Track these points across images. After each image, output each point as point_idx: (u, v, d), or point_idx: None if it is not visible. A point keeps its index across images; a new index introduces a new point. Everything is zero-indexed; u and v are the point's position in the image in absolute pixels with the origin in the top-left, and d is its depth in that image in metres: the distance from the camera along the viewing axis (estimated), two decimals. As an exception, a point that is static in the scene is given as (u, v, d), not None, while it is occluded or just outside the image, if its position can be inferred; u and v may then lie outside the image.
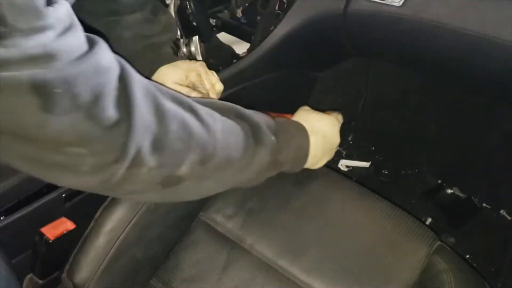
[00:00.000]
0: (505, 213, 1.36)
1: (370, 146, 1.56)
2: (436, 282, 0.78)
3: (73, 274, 0.75)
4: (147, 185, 0.62)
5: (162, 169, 0.61)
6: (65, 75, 0.48)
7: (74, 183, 0.58)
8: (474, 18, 0.80)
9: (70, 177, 0.56)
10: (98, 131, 0.53)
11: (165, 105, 0.60)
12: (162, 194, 0.66)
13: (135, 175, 0.58)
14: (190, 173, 0.64)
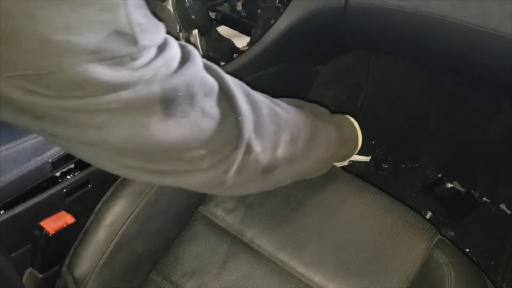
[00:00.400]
0: (505, 207, 1.36)
1: (370, 140, 1.56)
2: (436, 275, 0.78)
3: (73, 268, 0.75)
4: (252, 174, 0.66)
5: (265, 153, 0.65)
6: (186, 78, 0.52)
7: (188, 183, 0.61)
8: (475, 11, 0.79)
9: (186, 178, 0.60)
10: (214, 126, 0.57)
11: (251, 93, 0.65)
12: (262, 183, 0.70)
13: (246, 164, 0.63)
14: (284, 155, 0.69)
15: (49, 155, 0.73)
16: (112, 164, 0.56)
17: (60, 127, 0.48)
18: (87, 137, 0.49)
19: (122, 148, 0.52)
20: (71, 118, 0.47)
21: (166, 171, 0.58)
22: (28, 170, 0.71)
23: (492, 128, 1.34)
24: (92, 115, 0.47)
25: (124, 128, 0.50)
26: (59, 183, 0.78)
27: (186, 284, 0.83)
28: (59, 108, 0.45)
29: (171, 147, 0.55)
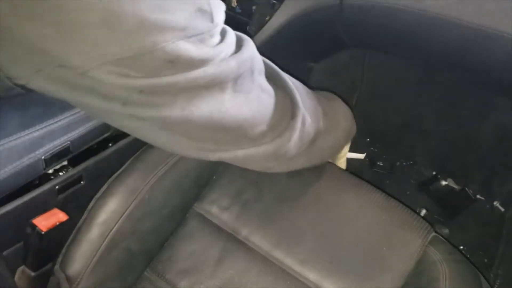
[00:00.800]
0: (498, 205, 1.36)
1: (365, 138, 1.56)
2: (431, 272, 0.79)
3: (66, 266, 0.74)
4: (305, 144, 0.73)
5: (313, 123, 0.72)
6: (247, 55, 0.57)
7: (252, 153, 0.66)
8: (471, 10, 0.79)
9: (253, 151, 0.65)
10: (272, 101, 0.64)
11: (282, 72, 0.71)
12: (309, 155, 0.77)
13: (302, 133, 0.69)
14: (324, 126, 0.76)
15: (42, 152, 0.72)
16: (184, 148, 0.61)
17: (147, 109, 0.51)
18: (172, 117, 0.52)
19: (202, 126, 0.56)
20: (157, 100, 0.50)
21: (235, 149, 0.63)
22: (20, 167, 0.70)
23: (486, 125, 1.34)
24: (178, 94, 0.51)
25: (205, 105, 0.54)
26: (51, 180, 0.77)
27: (180, 282, 0.82)
28: (150, 88, 0.48)
29: (243, 123, 0.60)
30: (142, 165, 0.83)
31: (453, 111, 1.39)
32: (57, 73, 0.46)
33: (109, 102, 0.49)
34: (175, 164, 0.84)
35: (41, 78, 0.47)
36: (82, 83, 0.47)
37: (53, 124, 0.74)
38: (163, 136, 0.57)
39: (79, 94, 0.49)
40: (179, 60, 0.47)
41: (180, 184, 0.85)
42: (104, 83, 0.46)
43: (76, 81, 0.47)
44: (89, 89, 0.48)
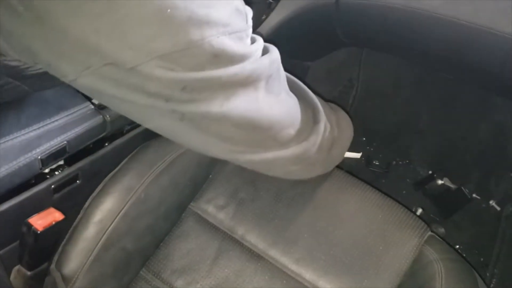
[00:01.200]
0: (494, 204, 1.37)
1: (361, 137, 1.56)
2: (427, 271, 0.79)
3: (62, 265, 0.74)
4: (324, 151, 0.77)
5: (332, 131, 0.77)
6: (275, 58, 0.60)
7: (281, 156, 0.68)
8: (467, 8, 0.79)
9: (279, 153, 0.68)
10: (297, 105, 0.69)
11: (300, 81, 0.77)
12: (325, 162, 0.81)
13: (323, 140, 0.74)
14: (337, 133, 0.80)
15: (38, 152, 0.72)
16: (217, 150, 0.64)
17: (188, 105, 0.53)
18: (210, 113, 0.54)
19: (237, 124, 0.58)
20: (198, 96, 0.52)
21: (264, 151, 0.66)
22: (17, 167, 0.70)
23: (482, 125, 1.35)
24: (218, 90, 0.53)
25: (241, 102, 0.56)
26: (47, 179, 0.77)
27: (176, 281, 0.82)
28: (193, 83, 0.50)
29: (274, 124, 0.63)
30: (138, 165, 0.82)
31: (450, 111, 1.39)
32: (106, 70, 0.48)
33: (153, 99, 0.51)
34: (171, 163, 0.84)
35: (89, 76, 0.49)
36: (129, 80, 0.49)
37: (49, 124, 0.74)
38: (198, 137, 0.59)
39: (125, 91, 0.50)
40: (223, 54, 0.50)
41: (176, 183, 0.85)
42: (151, 78, 0.48)
43: (123, 77, 0.49)
44: (135, 86, 0.50)
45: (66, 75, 0.50)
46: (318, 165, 0.80)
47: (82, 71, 0.48)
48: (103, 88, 0.51)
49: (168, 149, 0.85)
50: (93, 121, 0.79)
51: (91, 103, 0.80)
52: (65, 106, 0.77)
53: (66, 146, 0.76)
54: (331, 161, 0.85)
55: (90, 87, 0.51)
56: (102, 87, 0.51)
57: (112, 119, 0.81)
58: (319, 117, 0.73)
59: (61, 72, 0.51)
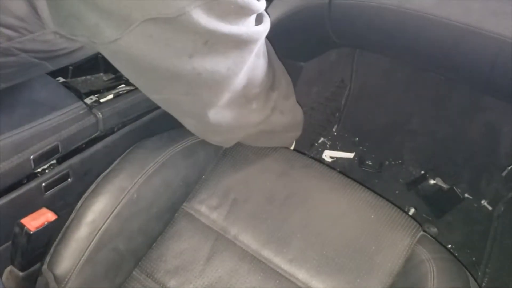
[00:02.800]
0: (486, 204, 1.38)
1: (354, 137, 1.57)
2: (419, 271, 0.79)
3: (54, 266, 0.74)
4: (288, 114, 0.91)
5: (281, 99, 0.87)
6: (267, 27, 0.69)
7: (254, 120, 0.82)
8: (458, 9, 0.80)
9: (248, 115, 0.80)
10: (265, 67, 0.77)
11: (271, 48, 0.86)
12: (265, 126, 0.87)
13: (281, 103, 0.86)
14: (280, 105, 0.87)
15: (30, 151, 0.72)
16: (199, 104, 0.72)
17: (206, 61, 0.61)
18: (219, 73, 0.64)
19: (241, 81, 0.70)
20: (215, 52, 0.61)
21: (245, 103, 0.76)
22: (9, 167, 0.70)
23: (474, 125, 1.35)
24: (232, 49, 0.63)
25: (242, 68, 0.67)
26: (38, 178, 0.76)
27: (169, 281, 0.82)
28: (217, 36, 0.58)
29: (249, 83, 0.73)
30: (130, 165, 0.82)
31: (441, 111, 1.40)
32: (147, 26, 0.54)
33: (180, 54, 0.59)
34: (163, 163, 0.84)
35: (133, 32, 0.54)
36: (166, 34, 0.55)
37: (41, 124, 0.73)
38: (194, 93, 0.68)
39: (158, 49, 0.57)
40: (247, 7, 0.59)
41: (168, 184, 0.85)
42: (192, 26, 0.54)
43: (162, 32, 0.55)
44: (169, 41, 0.56)
45: (109, 35, 0.55)
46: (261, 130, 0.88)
47: (125, 29, 0.54)
48: (138, 50, 0.57)
49: (160, 150, 0.85)
50: (85, 121, 0.79)
51: (84, 102, 0.80)
52: (57, 106, 0.76)
53: (58, 145, 0.76)
54: (271, 128, 0.90)
55: (128, 49, 0.57)
56: (137, 48, 0.57)
57: (104, 117, 0.81)
58: (275, 84, 0.83)
59: (105, 32, 0.55)
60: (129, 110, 0.87)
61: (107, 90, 0.88)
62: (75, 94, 0.80)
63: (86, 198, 0.79)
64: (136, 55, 0.58)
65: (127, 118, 0.88)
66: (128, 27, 0.53)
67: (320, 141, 1.56)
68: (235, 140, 0.88)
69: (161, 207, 0.85)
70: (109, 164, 0.84)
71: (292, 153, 0.97)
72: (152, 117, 0.93)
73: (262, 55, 0.76)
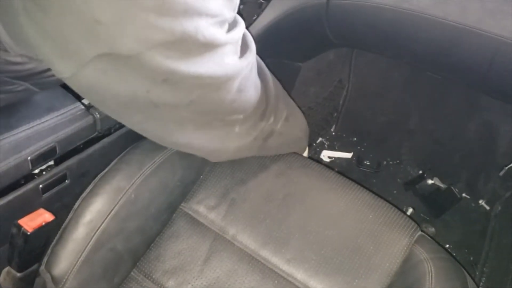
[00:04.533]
0: (484, 203, 1.38)
1: (352, 137, 1.57)
2: (417, 271, 0.79)
3: (52, 267, 0.74)
4: (259, 138, 0.82)
5: (274, 123, 0.83)
6: (251, 62, 0.67)
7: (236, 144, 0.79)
8: (455, 9, 0.80)
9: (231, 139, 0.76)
10: (256, 97, 0.74)
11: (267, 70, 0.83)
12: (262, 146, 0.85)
13: (262, 133, 0.81)
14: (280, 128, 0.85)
15: (28, 152, 0.72)
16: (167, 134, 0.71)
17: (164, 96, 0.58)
18: (179, 106, 0.61)
19: (199, 112, 0.65)
20: (175, 89, 0.57)
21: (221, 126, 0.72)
22: (6, 167, 0.69)
23: (471, 124, 1.36)
24: (194, 89, 0.59)
25: (209, 102, 0.63)
26: (35, 179, 0.76)
27: (167, 282, 0.82)
28: (178, 76, 0.55)
29: (228, 111, 0.69)
30: (127, 166, 0.82)
31: (439, 110, 1.40)
32: (102, 61, 0.51)
33: (136, 89, 0.56)
34: (161, 164, 0.84)
35: (87, 68, 0.52)
36: (121, 69, 0.52)
37: (39, 124, 0.73)
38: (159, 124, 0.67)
39: (114, 80, 0.54)
40: (212, 43, 0.55)
41: (165, 184, 0.85)
42: (147, 65, 0.52)
43: (116, 67, 0.52)
44: (123, 75, 0.53)
45: (62, 71, 0.53)
46: (255, 152, 0.87)
47: (78, 67, 0.51)
48: (93, 84, 0.54)
49: (157, 151, 0.85)
50: (83, 122, 0.79)
51: (81, 103, 0.79)
52: (55, 107, 0.76)
53: (56, 146, 0.76)
54: (266, 150, 0.89)
55: (82, 83, 0.54)
56: (92, 82, 0.54)
57: (102, 117, 0.81)
58: (266, 113, 0.80)
59: (59, 68, 0.53)
60: (127, 110, 0.87)
61: (105, 90, 0.88)
62: (72, 95, 0.80)
63: (84, 198, 0.78)
64: (92, 89, 0.56)
65: (124, 119, 0.88)
66: (81, 63, 0.51)
67: (318, 141, 1.56)
68: (222, 158, 0.86)
69: (159, 208, 0.85)
70: (107, 165, 0.84)
71: (290, 153, 0.97)
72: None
73: (250, 88, 0.71)
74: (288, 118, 0.87)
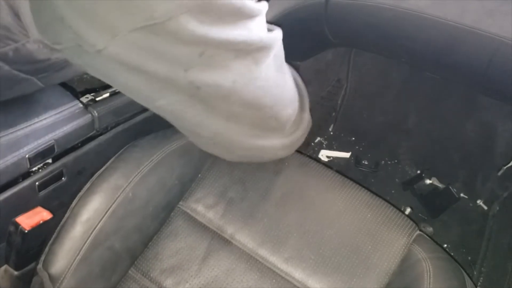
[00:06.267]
0: (482, 203, 1.38)
1: (350, 137, 1.57)
2: (415, 270, 0.79)
3: (49, 265, 0.73)
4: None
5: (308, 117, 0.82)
6: (280, 39, 0.65)
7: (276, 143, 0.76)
8: (454, 9, 0.80)
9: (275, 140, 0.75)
10: (294, 86, 0.74)
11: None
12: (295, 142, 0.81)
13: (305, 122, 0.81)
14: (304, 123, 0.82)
15: (26, 150, 0.72)
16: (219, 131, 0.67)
17: (204, 74, 0.56)
18: (222, 88, 0.58)
19: (246, 102, 0.62)
20: (214, 64, 0.55)
21: (265, 134, 0.70)
22: (4, 165, 0.69)
23: (469, 124, 1.36)
24: (232, 60, 0.56)
25: (252, 80, 0.60)
26: (30, 177, 0.76)
27: (165, 280, 0.82)
28: (213, 46, 0.53)
29: (277, 102, 0.67)
30: (125, 164, 0.82)
31: (438, 110, 1.40)
32: (134, 36, 0.50)
33: (174, 68, 0.54)
34: (159, 162, 0.84)
35: (117, 44, 0.51)
36: (156, 44, 0.51)
37: (37, 122, 0.73)
38: (203, 115, 0.63)
39: (148, 61, 0.53)
40: (244, 7, 0.54)
41: (163, 183, 0.85)
42: (181, 34, 0.50)
43: (151, 42, 0.51)
44: (160, 53, 0.52)
45: (95, 43, 0.51)
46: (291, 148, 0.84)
47: (111, 39, 0.50)
48: (128, 59, 0.53)
49: (155, 149, 0.85)
50: (81, 120, 0.79)
51: (80, 101, 0.79)
52: (53, 105, 0.76)
53: (54, 144, 0.75)
54: (296, 143, 0.86)
55: (116, 58, 0.53)
56: (127, 57, 0.53)
57: (100, 115, 0.81)
58: (305, 105, 0.79)
59: (91, 40, 0.52)
60: (125, 108, 0.87)
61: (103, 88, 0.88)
62: (71, 93, 0.80)
63: (81, 197, 0.78)
64: (127, 63, 0.54)
65: (123, 117, 0.88)
66: (114, 37, 0.50)
67: (316, 140, 1.56)
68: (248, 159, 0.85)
69: (156, 206, 0.85)
70: (104, 163, 0.83)
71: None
72: (147, 116, 0.93)
73: (287, 71, 0.70)
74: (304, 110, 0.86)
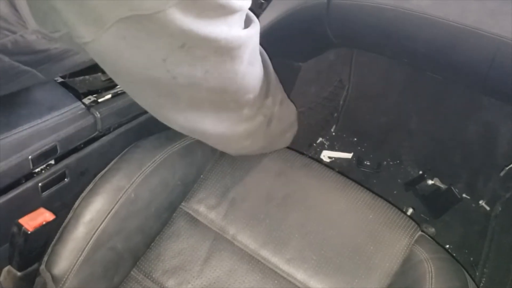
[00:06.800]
0: (484, 204, 1.38)
1: (352, 138, 1.57)
2: (417, 271, 0.79)
3: (52, 266, 0.74)
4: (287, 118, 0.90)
5: (272, 106, 0.84)
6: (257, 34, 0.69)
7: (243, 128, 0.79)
8: (455, 9, 0.80)
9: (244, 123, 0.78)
10: (261, 74, 0.76)
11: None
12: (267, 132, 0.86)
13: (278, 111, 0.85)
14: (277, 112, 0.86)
15: (28, 151, 0.72)
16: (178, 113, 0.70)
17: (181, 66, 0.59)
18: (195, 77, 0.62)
19: (212, 88, 0.66)
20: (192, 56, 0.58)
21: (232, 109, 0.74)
22: (7, 166, 0.70)
23: (471, 125, 1.36)
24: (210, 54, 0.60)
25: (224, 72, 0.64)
26: (33, 178, 0.76)
27: (167, 281, 0.82)
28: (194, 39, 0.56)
29: (240, 89, 0.70)
30: (127, 165, 0.82)
31: (439, 111, 1.40)
32: (121, 26, 0.52)
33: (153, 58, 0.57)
34: (161, 163, 0.84)
35: (107, 33, 0.53)
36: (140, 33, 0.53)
37: (40, 124, 0.73)
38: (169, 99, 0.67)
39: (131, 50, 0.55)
40: (227, 5, 0.57)
41: (165, 184, 0.85)
42: (167, 26, 0.53)
43: (136, 32, 0.53)
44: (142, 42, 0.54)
45: (85, 35, 0.54)
46: (261, 139, 0.86)
47: (99, 30, 0.52)
48: (114, 51, 0.56)
49: (157, 150, 0.85)
50: (84, 121, 0.79)
51: (82, 103, 0.80)
52: (55, 106, 0.76)
53: (56, 146, 0.76)
54: (271, 136, 0.89)
55: (106, 47, 0.55)
56: (113, 49, 0.55)
57: (102, 116, 0.81)
58: (270, 92, 0.81)
59: (81, 33, 0.54)
60: (127, 109, 0.87)
61: (105, 90, 0.88)
62: (73, 94, 0.80)
63: (84, 197, 0.78)
64: (110, 57, 0.58)
65: (125, 118, 0.88)
66: (102, 27, 0.52)
67: (318, 141, 1.56)
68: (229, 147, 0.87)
69: (159, 207, 0.85)
70: (106, 164, 0.84)
71: (291, 152, 0.98)
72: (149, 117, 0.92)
73: (257, 63, 0.74)
74: (283, 102, 0.90)
